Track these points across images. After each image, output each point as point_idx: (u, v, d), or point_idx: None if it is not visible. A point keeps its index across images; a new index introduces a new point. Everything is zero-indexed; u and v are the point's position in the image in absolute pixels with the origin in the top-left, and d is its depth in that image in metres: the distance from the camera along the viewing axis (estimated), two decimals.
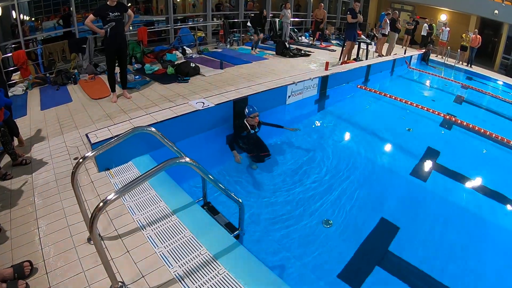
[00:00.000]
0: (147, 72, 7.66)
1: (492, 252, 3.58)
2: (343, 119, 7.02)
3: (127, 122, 4.29)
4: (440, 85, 10.87)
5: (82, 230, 2.71)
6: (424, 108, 7.38)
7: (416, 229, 3.83)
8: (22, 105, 5.74)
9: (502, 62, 15.67)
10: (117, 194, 1.88)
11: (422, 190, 4.64)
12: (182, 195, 3.20)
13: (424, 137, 6.32)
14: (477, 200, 4.56)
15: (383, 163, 5.37)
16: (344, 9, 18.34)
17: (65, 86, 6.79)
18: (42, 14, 9.07)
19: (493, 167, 5.53)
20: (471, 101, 9.46)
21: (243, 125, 4.86)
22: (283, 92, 6.32)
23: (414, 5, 18.29)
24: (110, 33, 5.25)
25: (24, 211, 3.00)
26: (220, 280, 2.23)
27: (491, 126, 6.81)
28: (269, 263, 2.94)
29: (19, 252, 2.50)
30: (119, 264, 2.37)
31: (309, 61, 9.66)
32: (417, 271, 3.18)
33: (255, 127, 4.94)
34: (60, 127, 4.82)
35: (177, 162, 2.24)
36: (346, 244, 3.47)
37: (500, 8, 14.66)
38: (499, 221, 4.16)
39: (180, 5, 13.36)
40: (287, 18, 12.21)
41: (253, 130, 4.90)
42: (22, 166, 3.75)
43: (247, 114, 4.85)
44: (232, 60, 9.07)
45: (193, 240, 2.60)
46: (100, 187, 3.35)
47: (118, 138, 2.69)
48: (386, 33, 11.67)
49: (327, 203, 4.02)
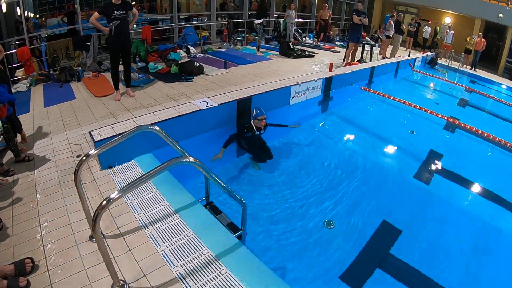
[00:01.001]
0: (151, 70, 7.66)
1: (495, 256, 3.56)
2: (347, 120, 7.00)
3: (131, 121, 4.30)
4: (444, 88, 10.82)
5: (84, 228, 2.70)
6: (427, 111, 7.34)
7: (418, 232, 3.82)
8: (25, 101, 5.74)
9: (506, 66, 15.65)
10: (120, 192, 1.88)
11: (425, 193, 4.62)
12: (185, 194, 3.19)
13: (427, 140, 6.30)
14: (480, 204, 4.55)
15: (386, 165, 5.36)
16: (348, 10, 18.32)
17: (68, 84, 6.81)
18: (46, 11, 9.10)
19: (497, 171, 5.51)
20: (475, 105, 9.43)
21: (249, 126, 4.78)
22: (287, 93, 6.31)
23: (419, 7, 18.27)
24: (115, 31, 5.25)
25: (26, 207, 3.00)
26: (222, 281, 2.22)
27: (494, 129, 6.78)
28: (271, 264, 2.93)
29: (20, 248, 2.50)
30: (121, 262, 2.36)
31: (313, 62, 9.63)
32: (418, 274, 3.17)
33: (261, 129, 4.87)
34: (63, 124, 4.82)
35: (180, 161, 2.24)
36: (348, 245, 3.46)
37: (505, 11, 14.63)
38: (502, 225, 4.14)
39: (184, 4, 13.36)
40: (292, 18, 12.21)
41: (258, 132, 4.83)
42: (25, 163, 3.75)
43: (255, 116, 4.77)
44: (236, 60, 9.06)
45: (195, 239, 2.59)
46: (102, 185, 3.35)
47: (122, 137, 2.69)
48: (390, 35, 11.63)
49: (330, 204, 4.00)
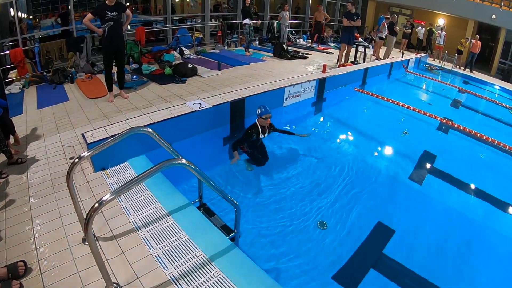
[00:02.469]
0: (144, 72, 7.64)
1: (487, 256, 3.60)
2: (340, 121, 7.04)
3: (124, 122, 4.29)
4: (437, 89, 10.92)
5: (77, 230, 2.70)
6: (421, 111, 7.41)
7: (411, 232, 3.85)
8: (18, 103, 5.70)
9: (499, 66, 15.79)
10: (112, 195, 1.88)
11: (418, 194, 4.66)
12: (178, 196, 3.20)
13: (420, 141, 6.35)
14: (473, 204, 4.60)
15: (379, 166, 5.39)
16: (342, 12, 18.39)
17: (62, 85, 6.76)
18: (40, 12, 9.03)
19: (489, 171, 5.58)
20: (468, 105, 9.51)
21: (254, 125, 4.64)
22: (281, 94, 6.33)
23: (412, 9, 18.39)
24: (108, 32, 5.23)
25: (19, 210, 2.98)
26: (215, 283, 2.23)
27: (487, 130, 6.85)
28: (264, 266, 2.94)
29: (13, 251, 2.48)
30: (114, 265, 2.36)
31: (306, 64, 9.66)
32: (411, 274, 3.20)
33: (266, 130, 4.74)
34: (56, 126, 4.79)
35: (173, 163, 2.24)
36: (341, 246, 3.47)
37: (498, 13, 14.77)
38: (495, 225, 4.20)
39: (178, 5, 13.35)
40: (285, 20, 12.24)
41: (263, 134, 4.70)
42: (18, 165, 3.73)
43: (259, 114, 4.62)
44: (229, 61, 9.06)
45: (189, 241, 2.60)
46: (95, 187, 3.34)
47: (115, 139, 2.68)
48: (383, 36, 11.70)
49: (323, 205, 4.02)
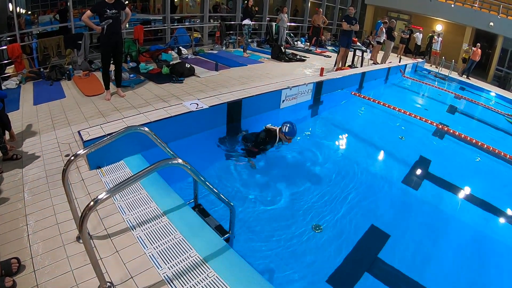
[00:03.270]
0: (142, 71, 7.64)
1: (482, 260, 3.63)
2: (336, 125, 7.05)
3: (120, 121, 4.27)
4: (434, 95, 10.98)
5: (71, 228, 2.68)
6: (417, 117, 7.44)
7: (406, 236, 3.86)
8: (15, 99, 5.67)
9: (496, 73, 15.92)
10: (108, 193, 1.88)
11: (413, 198, 4.68)
12: (173, 196, 3.19)
13: (416, 146, 6.39)
14: (467, 210, 4.62)
15: (375, 170, 5.41)
16: (340, 15, 18.46)
17: (59, 82, 6.75)
18: (38, 8, 9.01)
19: (484, 177, 5.61)
20: (464, 112, 9.57)
21: (274, 137, 4.72)
22: (277, 96, 6.33)
23: (411, 14, 18.50)
24: (107, 30, 5.22)
25: (13, 207, 2.97)
26: (209, 283, 2.22)
27: (482, 136, 6.90)
28: (259, 267, 2.94)
29: (6, 248, 2.47)
30: (108, 264, 2.35)
31: (304, 66, 9.70)
32: (406, 278, 3.20)
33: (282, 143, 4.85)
34: (53, 123, 4.78)
35: (169, 163, 2.24)
36: (336, 249, 3.47)
37: (495, 20, 14.90)
38: (490, 231, 4.23)
39: (177, 4, 13.34)
40: (284, 22, 12.27)
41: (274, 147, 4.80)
42: (13, 161, 3.71)
43: (285, 132, 4.69)
44: (227, 62, 9.07)
45: (183, 242, 2.59)
46: (91, 185, 3.32)
47: (111, 137, 2.67)
48: (381, 41, 11.76)
49: (318, 209, 4.01)
